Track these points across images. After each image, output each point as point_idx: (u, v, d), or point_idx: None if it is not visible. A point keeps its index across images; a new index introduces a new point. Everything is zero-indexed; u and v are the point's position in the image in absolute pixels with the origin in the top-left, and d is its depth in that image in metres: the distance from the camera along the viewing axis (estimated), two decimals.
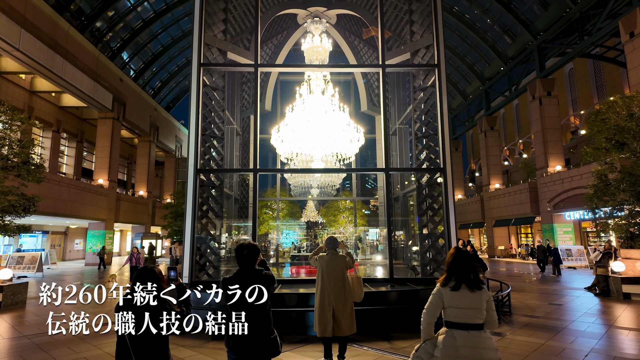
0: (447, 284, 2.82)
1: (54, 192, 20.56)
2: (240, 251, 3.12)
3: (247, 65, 8.14)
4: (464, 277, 2.80)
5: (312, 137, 10.00)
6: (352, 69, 10.46)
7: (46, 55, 20.06)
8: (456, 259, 2.87)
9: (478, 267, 9.52)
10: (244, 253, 3.10)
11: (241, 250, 3.12)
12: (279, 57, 12.37)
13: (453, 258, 2.89)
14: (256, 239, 7.47)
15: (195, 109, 7.76)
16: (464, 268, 2.83)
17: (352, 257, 4.97)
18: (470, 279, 2.79)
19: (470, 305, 2.73)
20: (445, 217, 7.62)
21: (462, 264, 2.84)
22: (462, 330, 2.70)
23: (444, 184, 7.72)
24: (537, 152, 25.03)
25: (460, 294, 2.76)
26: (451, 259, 2.90)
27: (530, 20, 25.32)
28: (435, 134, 8.18)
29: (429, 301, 2.86)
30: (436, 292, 2.85)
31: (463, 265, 2.83)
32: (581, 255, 19.70)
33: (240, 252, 3.12)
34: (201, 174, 7.84)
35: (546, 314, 7.79)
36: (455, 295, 2.76)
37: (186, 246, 7.42)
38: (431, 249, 8.01)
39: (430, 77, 8.42)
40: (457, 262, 2.85)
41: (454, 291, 2.77)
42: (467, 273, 2.81)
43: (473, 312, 2.72)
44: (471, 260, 2.92)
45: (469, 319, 2.72)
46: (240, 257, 3.11)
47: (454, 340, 2.69)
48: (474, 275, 2.84)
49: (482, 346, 2.66)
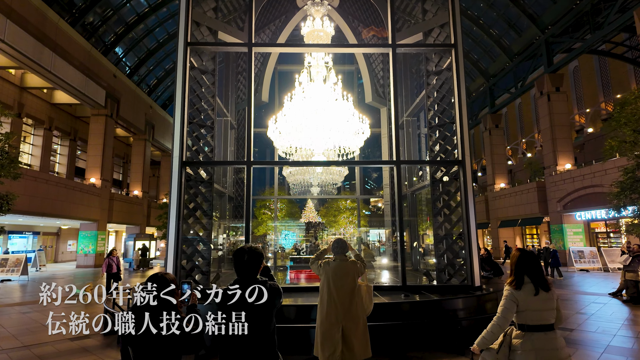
0: (521, 286, 2.76)
1: (42, 191, 19.63)
2: (240, 256, 2.41)
3: (239, 44, 7.24)
4: (537, 278, 2.77)
5: (312, 128, 9.08)
6: (359, 49, 9.54)
7: (34, 48, 19.16)
8: (524, 260, 2.85)
9: (489, 271, 8.43)
10: (244, 259, 2.40)
11: (240, 256, 2.41)
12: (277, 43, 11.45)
13: (520, 260, 2.85)
14: (249, 239, 6.56)
15: (181, 94, 6.86)
16: (536, 269, 2.81)
17: (363, 262, 4.07)
18: (543, 280, 2.78)
19: (546, 306, 2.72)
20: (465, 216, 6.72)
21: (532, 265, 2.82)
22: (540, 333, 2.68)
23: (463, 178, 6.82)
24: (546, 150, 24.14)
25: (539, 296, 2.72)
26: (517, 260, 2.87)
27: (537, 13, 24.47)
28: (452, 123, 7.28)
29: (503, 306, 2.78)
30: (509, 296, 2.78)
31: (534, 266, 2.82)
32: (594, 257, 18.81)
33: (240, 257, 2.41)
34: (187, 168, 6.93)
35: (578, 326, 6.88)
36: (533, 297, 2.72)
37: (170, 249, 6.51)
38: (448, 252, 7.10)
39: (446, 59, 7.53)
40: (527, 264, 2.83)
41: (531, 293, 2.73)
42: (539, 274, 2.80)
43: (548, 313, 2.72)
44: (539, 261, 2.92)
45: (545, 320, 2.71)
46: (239, 264, 2.41)
47: (533, 343, 2.65)
48: (543, 275, 2.82)
49: (559, 346, 2.67)
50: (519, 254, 2.92)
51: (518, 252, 2.97)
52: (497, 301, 6.41)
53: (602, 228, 23.51)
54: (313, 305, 5.32)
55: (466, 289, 6.54)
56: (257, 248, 2.43)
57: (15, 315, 8.65)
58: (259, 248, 2.44)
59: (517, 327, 2.78)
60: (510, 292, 2.79)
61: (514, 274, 2.86)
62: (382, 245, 26.23)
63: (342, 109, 9.41)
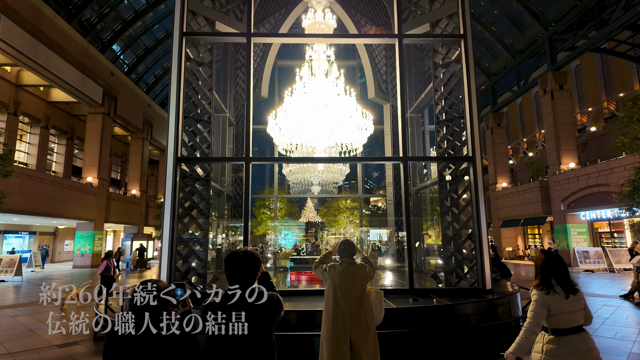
0: (550, 290, 2.69)
1: (37, 190, 19.24)
2: (233, 262, 2.05)
3: (238, 34, 6.87)
4: (565, 282, 2.72)
5: (314, 124, 8.71)
6: (363, 39, 9.16)
7: (29, 44, 18.78)
8: (550, 263, 2.78)
9: (497, 272, 8.02)
10: (238, 265, 2.04)
11: (234, 261, 2.05)
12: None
13: (546, 263, 2.78)
14: (248, 239, 6.21)
15: (176, 87, 6.50)
16: (563, 272, 2.76)
17: (372, 265, 3.71)
18: (570, 283, 2.73)
19: (576, 308, 2.68)
20: (475, 215, 6.37)
21: (559, 268, 2.76)
22: (574, 335, 2.64)
23: (473, 175, 6.47)
24: (549, 149, 23.81)
25: (569, 299, 2.67)
26: (543, 264, 2.80)
27: (540, 10, 24.13)
28: (461, 117, 6.93)
29: (533, 311, 2.67)
30: (539, 301, 2.69)
31: (561, 270, 2.77)
32: (599, 258, 18.48)
33: (233, 263, 2.05)
34: (183, 164, 6.58)
35: (595, 331, 6.54)
36: (564, 300, 2.67)
37: (164, 249, 6.15)
38: (457, 254, 6.75)
39: (454, 50, 7.18)
40: (553, 267, 2.76)
41: (561, 297, 2.67)
42: (566, 277, 2.75)
43: (579, 314, 2.68)
44: (565, 263, 2.84)
45: (577, 322, 2.67)
46: (232, 271, 2.04)
47: (570, 346, 2.60)
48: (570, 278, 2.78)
49: (591, 346, 2.65)
50: (544, 257, 2.83)
51: (542, 254, 2.87)
52: (509, 306, 6.06)
53: (606, 228, 23.18)
54: (316, 310, 4.97)
55: (477, 292, 6.19)
56: (254, 252, 2.08)
57: (3, 319, 8.29)
58: (256, 252, 2.09)
59: (550, 331, 2.69)
60: (540, 296, 2.70)
61: (541, 278, 2.77)
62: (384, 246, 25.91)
63: (345, 104, 9.04)
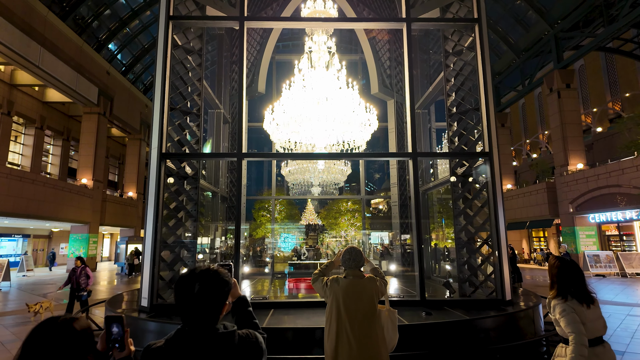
0: (573, 297, 2.54)
1: (28, 191, 18.61)
2: (185, 287, 1.36)
3: (230, 18, 6.25)
4: (582, 293, 2.57)
5: (313, 120, 8.07)
6: (367, 24, 8.52)
7: (20, 41, 18.20)
8: (566, 272, 2.63)
9: (513, 276, 7.28)
10: (194, 292, 1.34)
11: (187, 286, 1.36)
12: (274, 29, 10.49)
13: (561, 271, 2.64)
14: (239, 244, 5.55)
15: (161, 76, 5.88)
16: (580, 282, 2.60)
17: (383, 279, 3.06)
18: (588, 295, 2.59)
19: (597, 316, 2.55)
20: (493, 216, 5.71)
21: (576, 278, 2.61)
22: (598, 347, 2.50)
23: (491, 173, 5.82)
24: (556, 149, 23.17)
25: (593, 307, 2.56)
26: (558, 272, 2.65)
27: (545, 7, 23.55)
28: (476, 109, 6.29)
29: (571, 323, 2.43)
30: (567, 309, 2.49)
31: (578, 279, 2.61)
32: (610, 262, 17.80)
33: (185, 289, 1.36)
34: (168, 161, 5.94)
35: (627, 347, 5.87)
36: (586, 310, 2.52)
37: (146, 256, 5.51)
38: (471, 260, 6.09)
39: (467, 37, 6.55)
40: (569, 276, 2.61)
41: (582, 305, 2.52)
42: (584, 287, 2.60)
43: (600, 323, 2.55)
44: (582, 271, 2.69)
45: (600, 332, 2.54)
46: (184, 300, 1.35)
47: (599, 358, 2.47)
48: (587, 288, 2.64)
49: (614, 356, 2.57)
50: (559, 264, 2.67)
51: (557, 261, 2.72)
52: (533, 320, 5.40)
53: (614, 231, 22.49)
54: (318, 328, 4.31)
55: (496, 303, 5.54)
56: (220, 272, 1.42)
57: None
58: (223, 271, 1.43)
59: None
60: (566, 304, 2.52)
61: (558, 289, 2.61)
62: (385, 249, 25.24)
63: (347, 98, 8.40)
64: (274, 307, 5.55)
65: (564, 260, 2.71)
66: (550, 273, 2.73)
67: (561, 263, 2.69)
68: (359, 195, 18.44)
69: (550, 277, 2.71)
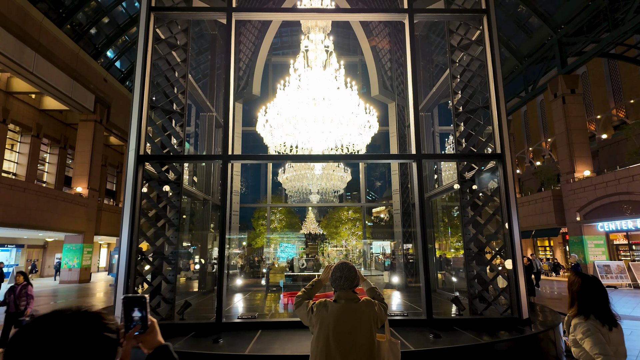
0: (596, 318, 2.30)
1: (19, 200, 18.09)
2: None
3: (216, 9, 5.77)
4: (606, 313, 2.34)
5: (310, 121, 7.53)
6: (367, 15, 8.00)
7: (14, 47, 17.85)
8: (589, 290, 2.41)
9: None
10: None
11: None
12: (269, 29, 10.04)
13: (583, 289, 2.42)
14: (224, 253, 4.98)
15: (141, 72, 5.39)
16: (604, 301, 2.38)
17: (383, 301, 2.47)
18: (611, 315, 2.36)
19: (621, 342, 2.32)
20: (508, 224, 5.13)
21: (599, 297, 2.38)
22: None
23: (503, 177, 5.26)
24: (561, 156, 22.60)
25: (616, 331, 2.32)
26: (580, 289, 2.43)
27: (549, 12, 23.20)
28: (485, 107, 5.75)
29: (596, 341, 2.19)
30: (592, 329, 2.25)
31: (601, 298, 2.38)
32: (622, 272, 17.08)
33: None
34: (147, 164, 5.40)
35: None
36: (610, 332, 2.29)
37: (120, 269, 4.93)
38: (483, 273, 5.49)
39: (474, 30, 6.04)
40: (592, 295, 2.38)
41: (608, 328, 2.29)
42: (607, 307, 2.38)
43: (623, 348, 2.33)
44: (605, 289, 2.46)
45: (623, 356, 2.31)
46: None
47: None
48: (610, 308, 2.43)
49: None
50: (580, 281, 2.49)
51: (578, 277, 2.54)
52: (554, 341, 4.78)
53: (622, 240, 21.78)
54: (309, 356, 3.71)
55: (512, 323, 4.92)
56: (93, 320, 0.85)
57: None
58: (105, 319, 0.87)
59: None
60: (590, 323, 2.31)
61: (579, 307, 2.42)
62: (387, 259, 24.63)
63: (345, 99, 7.88)
64: (262, 327, 4.95)
65: (586, 277, 2.54)
66: (569, 289, 2.59)
67: (583, 279, 2.50)
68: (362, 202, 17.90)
69: (570, 294, 2.56)
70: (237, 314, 6.26)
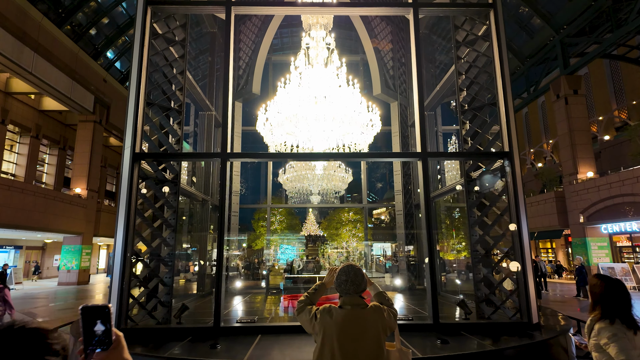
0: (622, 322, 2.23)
1: (16, 201, 17.93)
2: None
3: (214, 2, 5.62)
4: (629, 317, 2.27)
5: (311, 120, 7.37)
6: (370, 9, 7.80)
7: (12, 46, 17.74)
8: (613, 294, 2.33)
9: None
10: None
11: None
12: (269, 27, 9.89)
13: (607, 292, 2.35)
14: (222, 255, 4.80)
15: (137, 67, 5.21)
16: (627, 305, 2.31)
17: (392, 306, 2.29)
18: (633, 318, 2.29)
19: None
20: (517, 225, 4.95)
21: (624, 299, 2.32)
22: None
23: (512, 176, 5.08)
24: (564, 157, 22.42)
25: (637, 334, 2.24)
26: (604, 292, 2.36)
27: (551, 13, 23.07)
28: (492, 104, 5.58)
29: (623, 347, 2.11)
30: (618, 334, 2.18)
31: (626, 301, 2.32)
32: (626, 275, 16.87)
33: None
34: (143, 162, 5.22)
35: None
36: (634, 335, 2.22)
37: (115, 272, 4.75)
38: (490, 276, 5.31)
39: (480, 25, 5.88)
40: (616, 298, 2.32)
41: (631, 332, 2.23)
42: (630, 311, 2.30)
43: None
44: (628, 293, 2.43)
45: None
46: None
47: None
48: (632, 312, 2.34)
49: None
50: (604, 285, 2.41)
51: (601, 281, 2.45)
52: (566, 347, 4.59)
53: (626, 242, 21.59)
54: None
55: (521, 327, 4.73)
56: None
57: None
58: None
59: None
60: (616, 328, 2.23)
61: (602, 310, 2.35)
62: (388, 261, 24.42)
63: (347, 97, 7.71)
64: (261, 331, 4.76)
65: (610, 279, 2.46)
66: (591, 292, 2.50)
67: (606, 283, 2.43)
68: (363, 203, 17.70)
69: (592, 297, 2.48)
70: (236, 317, 6.07)
